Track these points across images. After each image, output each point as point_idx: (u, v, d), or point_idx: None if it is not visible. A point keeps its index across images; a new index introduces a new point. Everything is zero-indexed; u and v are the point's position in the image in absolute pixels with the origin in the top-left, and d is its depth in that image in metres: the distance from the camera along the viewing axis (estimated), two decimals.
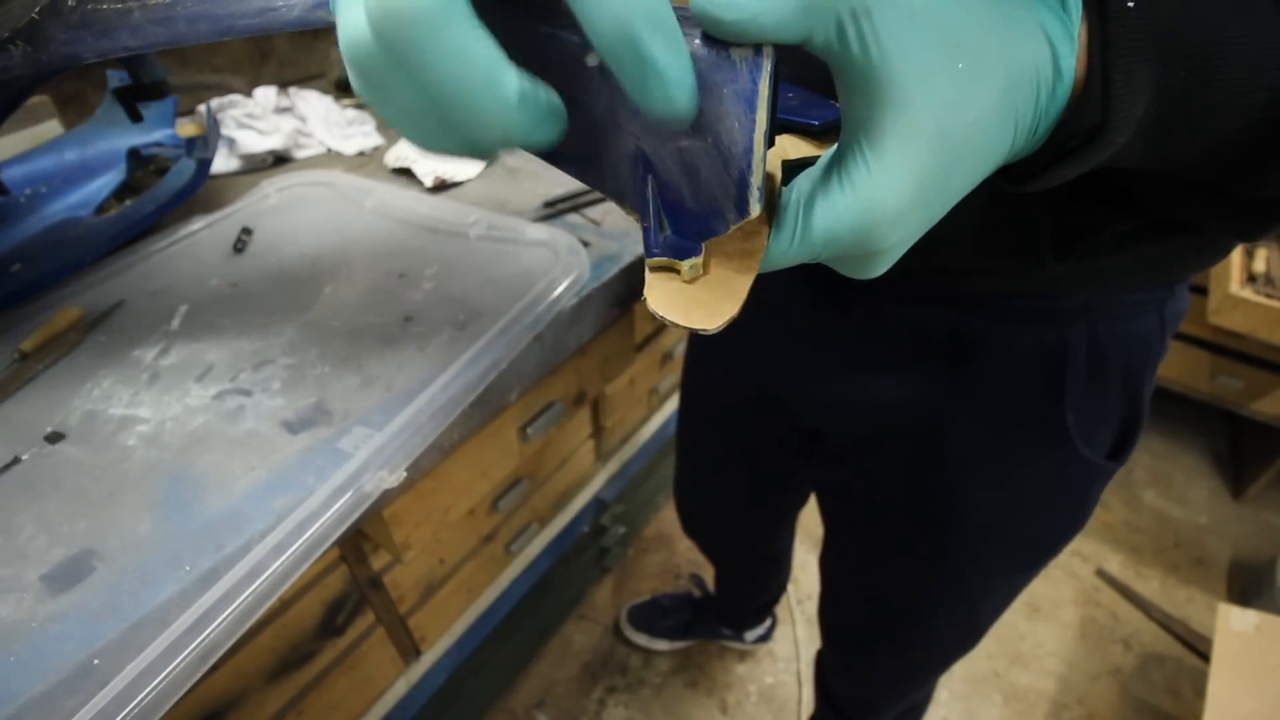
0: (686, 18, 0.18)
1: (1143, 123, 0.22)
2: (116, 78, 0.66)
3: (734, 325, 0.21)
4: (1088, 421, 0.46)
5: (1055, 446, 0.47)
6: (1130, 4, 0.21)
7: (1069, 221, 0.35)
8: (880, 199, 0.19)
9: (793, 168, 0.24)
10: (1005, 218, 0.36)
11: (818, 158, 0.22)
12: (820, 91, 0.29)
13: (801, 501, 0.84)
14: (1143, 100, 0.21)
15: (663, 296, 0.22)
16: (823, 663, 0.87)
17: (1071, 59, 0.21)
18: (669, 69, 0.17)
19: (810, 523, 0.95)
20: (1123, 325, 0.43)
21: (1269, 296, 1.25)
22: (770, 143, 0.20)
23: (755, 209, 0.20)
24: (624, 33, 0.16)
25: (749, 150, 0.19)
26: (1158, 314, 0.44)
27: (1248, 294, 1.25)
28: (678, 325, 0.21)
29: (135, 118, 0.65)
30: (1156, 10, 0.21)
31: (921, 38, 0.18)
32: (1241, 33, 0.21)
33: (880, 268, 0.23)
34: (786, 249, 0.21)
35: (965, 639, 0.63)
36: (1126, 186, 0.32)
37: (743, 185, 0.19)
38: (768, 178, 0.22)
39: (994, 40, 0.19)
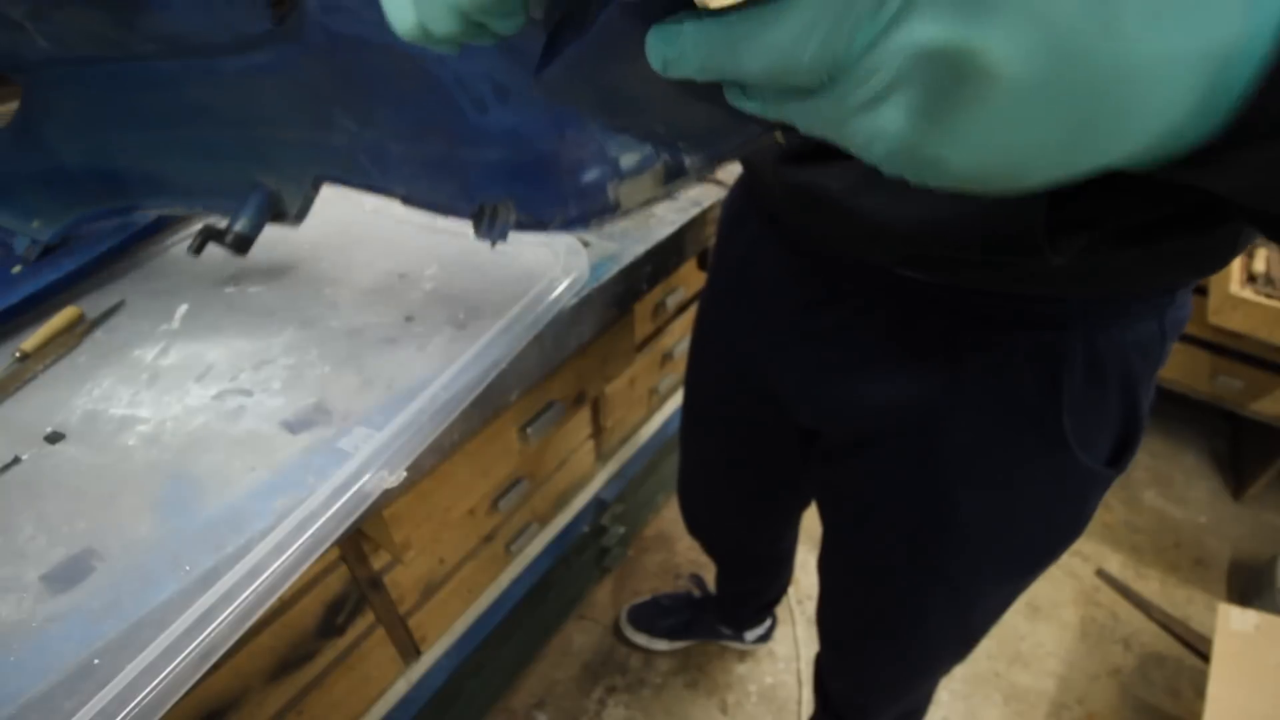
0: None
1: None
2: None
3: (736, 324, 0.20)
4: (1085, 427, 0.45)
5: (1052, 451, 0.46)
6: None
7: (1068, 214, 0.35)
8: None
9: None
10: (1005, 206, 0.36)
11: None
12: None
13: (805, 502, 0.83)
14: None
15: None
16: (821, 665, 0.87)
17: None
18: None
19: (810, 523, 0.95)
20: (1121, 331, 0.43)
21: (1269, 296, 1.25)
22: None
23: None
24: None
25: None
26: (1158, 320, 0.44)
27: (1248, 294, 1.25)
28: None
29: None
30: None
31: None
32: None
33: (991, 132, 0.15)
34: None
35: (961, 644, 0.63)
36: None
37: None
38: None
39: None
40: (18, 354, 0.55)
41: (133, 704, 0.35)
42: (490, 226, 0.47)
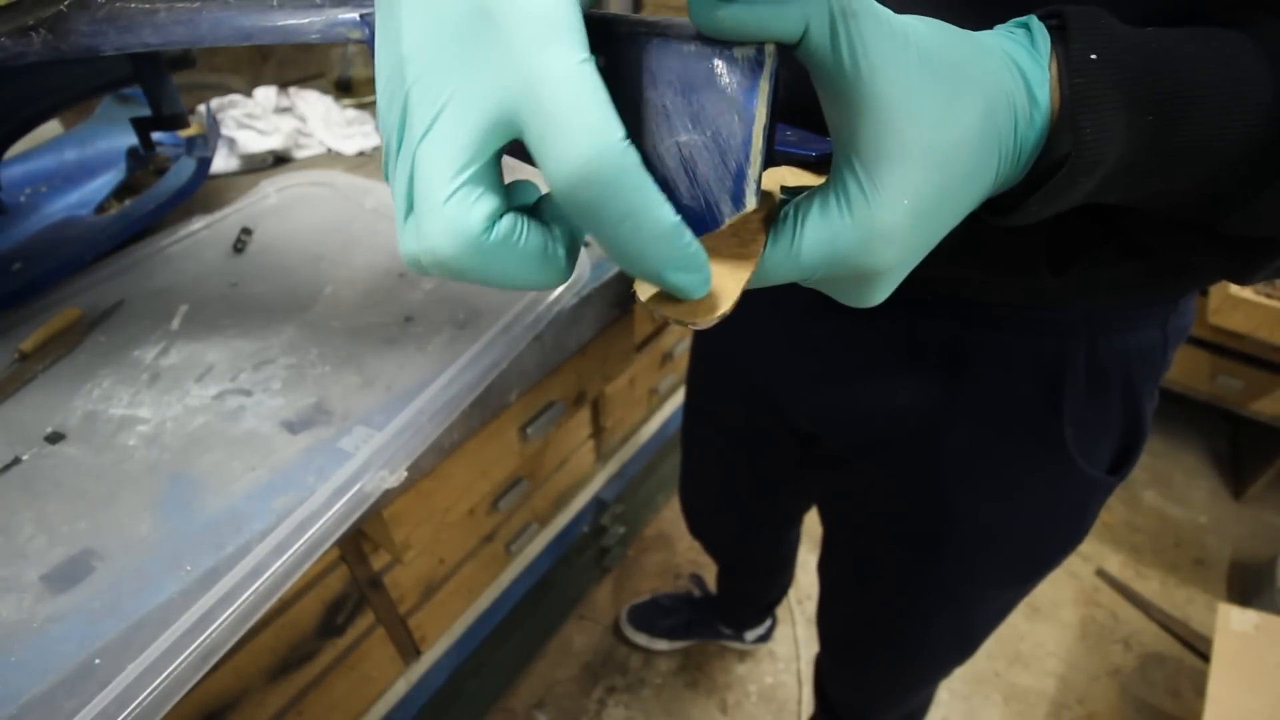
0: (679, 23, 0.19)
1: (1116, 165, 0.23)
2: (113, 98, 0.66)
3: (734, 328, 0.21)
4: (1086, 435, 0.45)
5: (1052, 459, 0.46)
6: (1093, 56, 0.21)
7: (1066, 237, 0.35)
8: (875, 216, 0.20)
9: (792, 192, 0.25)
10: (1002, 232, 0.36)
11: (814, 186, 0.23)
12: (817, 132, 0.29)
13: (807, 505, 0.83)
14: (1114, 144, 0.22)
15: (655, 290, 0.22)
16: (821, 668, 0.87)
17: (1045, 89, 0.22)
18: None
19: (810, 522, 0.95)
20: (1123, 339, 0.42)
21: (1269, 296, 1.25)
22: (769, 155, 0.20)
23: (751, 201, 0.20)
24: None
25: (747, 142, 0.19)
26: (1161, 328, 0.43)
27: (1248, 294, 1.25)
28: (669, 318, 0.21)
29: (148, 147, 0.64)
30: (1122, 59, 0.21)
31: (905, 57, 0.19)
32: (1214, 77, 0.22)
33: (876, 295, 0.23)
34: (782, 261, 0.22)
35: (960, 649, 0.63)
36: (1122, 224, 0.32)
37: (740, 178, 0.20)
38: (767, 195, 0.22)
39: (970, 66, 0.20)
40: (18, 354, 0.55)
41: (133, 704, 0.35)
42: None
